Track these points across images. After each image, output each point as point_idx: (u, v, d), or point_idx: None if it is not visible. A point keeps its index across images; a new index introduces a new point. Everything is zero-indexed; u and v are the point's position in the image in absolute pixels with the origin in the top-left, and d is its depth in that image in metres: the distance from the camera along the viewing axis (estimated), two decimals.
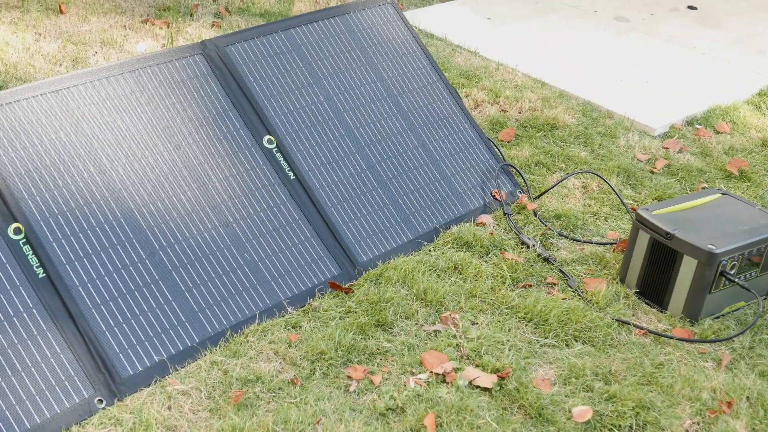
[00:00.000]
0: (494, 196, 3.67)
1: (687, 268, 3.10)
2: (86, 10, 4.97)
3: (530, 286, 3.22)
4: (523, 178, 3.82)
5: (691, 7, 6.11)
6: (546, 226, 3.57)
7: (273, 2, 5.40)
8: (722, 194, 3.42)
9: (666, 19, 5.88)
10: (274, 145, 3.29)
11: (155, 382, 2.68)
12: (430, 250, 3.36)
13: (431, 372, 2.79)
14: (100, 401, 2.59)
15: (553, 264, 3.35)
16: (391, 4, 3.90)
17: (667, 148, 4.29)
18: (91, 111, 2.99)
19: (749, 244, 3.13)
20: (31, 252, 2.70)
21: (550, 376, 2.84)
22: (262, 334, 2.87)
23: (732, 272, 3.11)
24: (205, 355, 2.78)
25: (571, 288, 3.24)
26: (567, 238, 3.54)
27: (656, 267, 3.18)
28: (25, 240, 2.71)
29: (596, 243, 3.52)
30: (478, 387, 2.75)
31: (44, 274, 2.70)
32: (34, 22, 4.75)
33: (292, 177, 3.26)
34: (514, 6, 5.86)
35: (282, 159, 3.28)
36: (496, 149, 3.90)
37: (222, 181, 3.12)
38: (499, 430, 2.59)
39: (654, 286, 3.21)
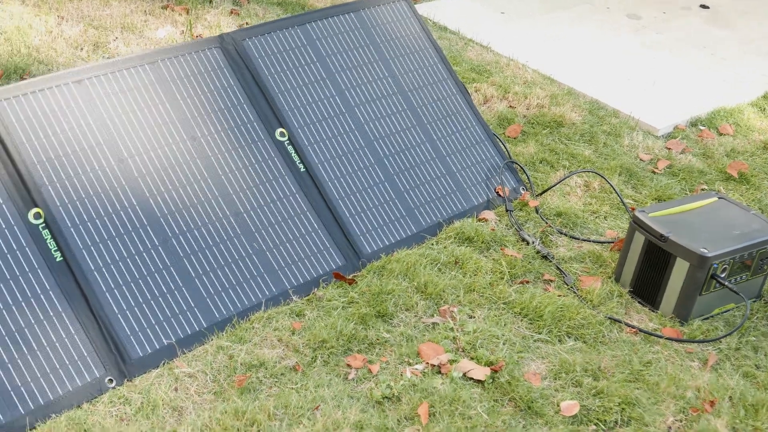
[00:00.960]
0: (498, 192, 3.79)
1: (679, 270, 3.21)
2: None
3: (527, 282, 3.34)
4: (527, 175, 3.93)
5: (703, 6, 6.18)
6: (546, 223, 3.68)
7: None
8: (719, 198, 3.52)
9: (678, 17, 5.96)
10: (286, 138, 3.41)
11: (163, 364, 2.82)
12: (432, 244, 3.48)
13: (427, 363, 2.91)
14: (110, 381, 2.73)
15: (551, 261, 3.47)
16: (405, 0, 4.00)
17: (670, 149, 4.39)
18: (112, 101, 3.12)
19: (741, 248, 3.23)
20: (49, 236, 2.84)
21: (541, 370, 2.96)
22: (267, 321, 3.01)
23: (723, 275, 3.22)
24: (212, 340, 2.92)
25: (567, 285, 3.36)
26: (566, 235, 3.65)
27: (650, 268, 3.30)
28: (44, 224, 2.85)
29: (594, 241, 3.63)
30: (471, 379, 2.87)
31: (61, 258, 2.83)
32: (57, 5, 4.88)
33: (302, 170, 3.39)
34: (528, 0, 5.94)
35: (293, 152, 3.40)
36: (502, 146, 4.01)
37: (234, 172, 3.25)
38: (490, 422, 2.72)
39: (647, 286, 3.32)
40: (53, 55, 4.38)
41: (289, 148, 3.40)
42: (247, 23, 4.97)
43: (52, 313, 2.75)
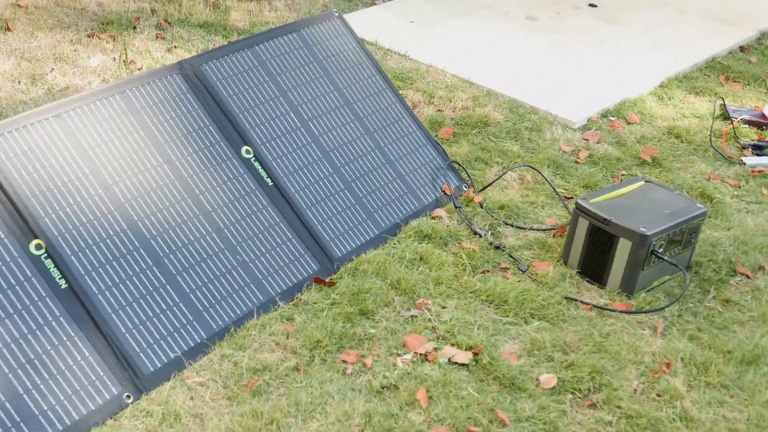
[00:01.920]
0: (444, 191, 4.07)
1: (623, 249, 3.56)
2: (32, 26, 5.16)
3: (488, 271, 3.64)
4: (467, 173, 4.23)
5: (591, 5, 6.62)
6: (492, 216, 3.99)
7: (210, 13, 5.67)
8: (645, 182, 3.89)
9: (571, 16, 6.38)
10: (251, 155, 3.61)
11: (174, 376, 3.00)
12: (395, 244, 3.73)
13: (414, 352, 3.17)
14: (128, 396, 2.90)
15: (503, 251, 3.77)
16: (339, 17, 4.25)
17: (587, 140, 4.76)
18: (90, 132, 3.26)
19: (674, 225, 3.60)
20: (52, 265, 2.98)
21: (515, 350, 3.26)
22: (262, 328, 3.21)
23: (660, 251, 3.58)
24: (215, 350, 3.11)
25: (522, 271, 3.66)
26: (512, 226, 3.96)
27: (595, 249, 3.63)
28: (46, 254, 2.98)
29: (538, 230, 3.95)
30: (456, 363, 3.14)
31: (66, 285, 2.98)
32: None
33: (270, 183, 3.60)
34: (433, 9, 6.25)
35: (260, 167, 3.61)
36: (441, 148, 4.30)
37: (210, 191, 3.43)
38: (481, 399, 2.99)
39: (594, 266, 3.66)
40: None
41: (256, 164, 3.61)
42: (175, 46, 5.12)
43: (65, 338, 2.89)
